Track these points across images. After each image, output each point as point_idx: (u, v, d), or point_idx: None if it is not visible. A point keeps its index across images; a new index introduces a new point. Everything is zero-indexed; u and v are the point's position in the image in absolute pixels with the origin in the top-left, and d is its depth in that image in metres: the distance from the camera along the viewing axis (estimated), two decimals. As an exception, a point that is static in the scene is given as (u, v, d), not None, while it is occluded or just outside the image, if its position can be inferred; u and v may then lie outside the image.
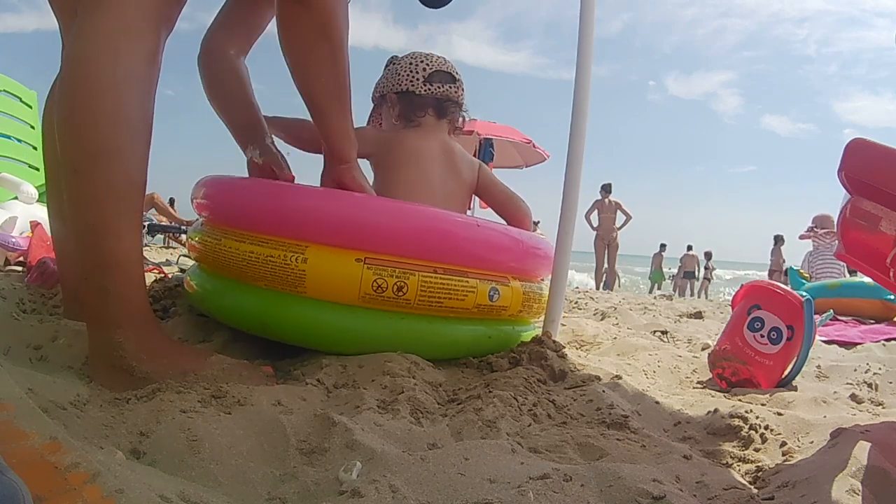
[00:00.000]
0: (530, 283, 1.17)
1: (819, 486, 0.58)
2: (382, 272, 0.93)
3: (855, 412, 0.94)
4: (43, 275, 1.39)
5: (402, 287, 0.94)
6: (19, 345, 0.86)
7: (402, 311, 0.97)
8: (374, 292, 0.93)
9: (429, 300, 0.97)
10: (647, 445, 0.71)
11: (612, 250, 7.95)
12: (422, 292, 0.96)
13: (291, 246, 0.92)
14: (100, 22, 0.76)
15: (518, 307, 1.11)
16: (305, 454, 0.61)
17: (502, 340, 1.12)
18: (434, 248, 0.99)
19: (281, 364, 0.97)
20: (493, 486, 0.52)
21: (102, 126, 0.75)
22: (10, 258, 1.85)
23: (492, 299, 1.04)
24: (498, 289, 1.05)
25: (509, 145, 5.96)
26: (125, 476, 0.45)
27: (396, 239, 0.96)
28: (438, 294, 0.97)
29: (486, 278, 1.04)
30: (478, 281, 1.02)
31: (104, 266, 0.76)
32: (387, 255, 0.95)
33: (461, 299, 1.00)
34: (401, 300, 0.95)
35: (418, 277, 0.95)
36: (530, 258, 1.17)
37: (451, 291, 0.99)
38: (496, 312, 1.08)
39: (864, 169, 0.78)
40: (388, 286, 0.93)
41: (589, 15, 1.33)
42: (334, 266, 0.93)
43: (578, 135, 1.32)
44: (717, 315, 2.62)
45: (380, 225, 0.95)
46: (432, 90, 1.33)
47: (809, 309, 1.11)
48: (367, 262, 0.93)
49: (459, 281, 1.00)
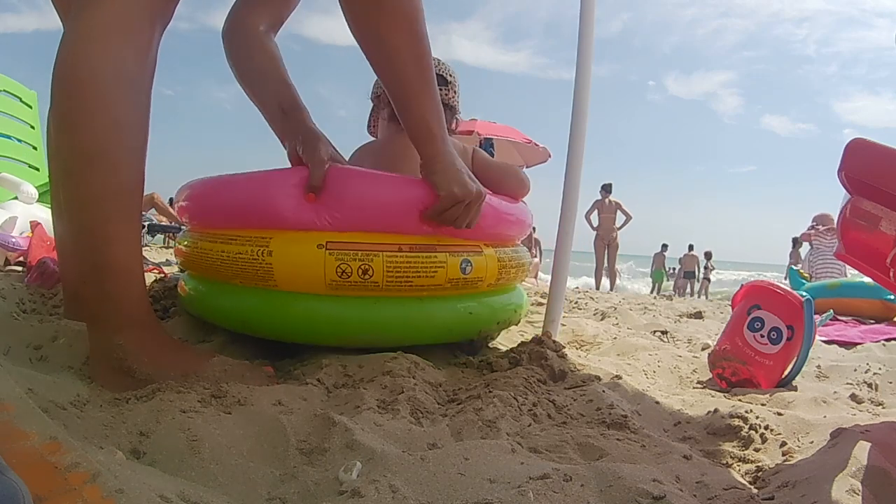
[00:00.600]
0: (505, 249, 1.12)
1: (819, 486, 0.58)
2: (345, 256, 0.90)
3: (855, 412, 0.94)
4: (43, 275, 1.39)
5: (367, 270, 0.91)
6: (19, 345, 0.86)
7: (373, 295, 0.94)
8: (340, 278, 0.90)
9: (397, 280, 0.93)
10: (647, 445, 0.71)
11: (612, 250, 7.95)
12: (388, 273, 0.92)
13: (256, 240, 0.92)
14: (91, 19, 0.74)
15: (495, 276, 1.06)
16: (305, 454, 0.61)
17: (487, 314, 1.08)
18: (397, 222, 0.95)
19: (281, 364, 0.97)
20: (493, 486, 0.52)
21: (93, 128, 0.73)
22: (10, 258, 1.85)
23: (464, 272, 1.00)
24: (470, 260, 1.00)
25: (509, 145, 5.96)
26: (125, 476, 0.45)
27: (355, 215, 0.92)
28: (406, 273, 0.93)
29: (456, 250, 0.99)
30: (447, 254, 0.98)
31: (103, 268, 0.76)
32: (349, 237, 0.91)
33: (431, 276, 0.96)
34: (368, 284, 0.91)
35: (383, 258, 0.92)
36: (503, 224, 1.13)
37: (420, 269, 0.95)
38: (472, 285, 1.03)
39: (864, 169, 0.78)
40: (352, 270, 0.90)
41: (589, 15, 1.34)
42: (297, 255, 0.90)
43: (578, 135, 1.32)
44: (717, 315, 2.62)
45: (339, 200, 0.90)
46: None
47: (809, 309, 1.11)
48: (329, 246, 0.90)
49: (427, 257, 0.95)
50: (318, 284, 0.91)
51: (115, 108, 0.74)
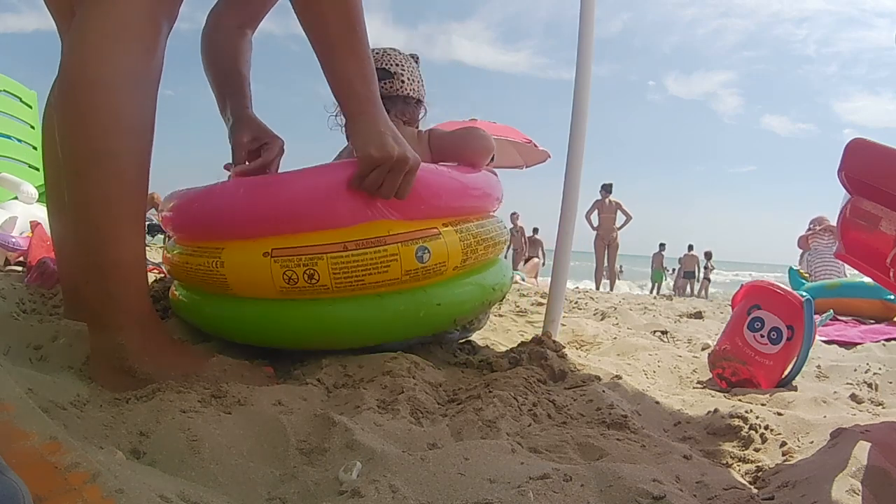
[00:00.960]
0: (468, 226, 1.01)
1: (819, 486, 0.58)
2: (289, 262, 0.86)
3: (855, 412, 0.94)
4: (43, 275, 1.39)
5: (312, 274, 0.86)
6: (19, 345, 0.86)
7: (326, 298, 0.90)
8: (288, 285, 0.87)
9: (347, 281, 0.88)
10: (647, 445, 0.71)
11: (612, 250, 7.95)
12: (336, 275, 0.87)
13: (211, 251, 0.92)
14: (98, 20, 0.75)
15: (460, 257, 0.97)
16: (305, 454, 0.61)
17: (459, 301, 1.01)
18: (333, 216, 0.88)
19: (281, 364, 0.97)
20: (493, 486, 0.52)
21: (102, 128, 0.74)
22: (10, 258, 1.85)
23: (422, 261, 0.91)
24: (427, 246, 0.92)
25: (509, 145, 5.96)
26: (125, 476, 0.45)
27: (285, 218, 0.88)
28: (355, 272, 0.87)
29: (408, 238, 0.91)
30: (399, 245, 0.89)
31: (105, 269, 0.76)
32: (294, 241, 0.87)
33: (384, 271, 0.89)
34: (317, 287, 0.87)
35: (327, 260, 0.86)
36: (464, 197, 1.05)
37: (370, 265, 0.88)
38: (435, 272, 0.94)
39: (864, 169, 0.78)
40: (298, 276, 0.86)
41: (589, 15, 1.34)
42: (245, 266, 0.89)
43: (578, 135, 1.32)
44: (717, 315, 2.62)
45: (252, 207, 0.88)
46: None
47: (809, 309, 1.11)
48: (274, 254, 0.87)
49: (376, 252, 0.88)
50: (270, 291, 0.89)
51: (124, 109, 0.75)
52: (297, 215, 0.88)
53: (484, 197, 1.12)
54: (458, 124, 5.81)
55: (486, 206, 1.14)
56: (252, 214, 0.89)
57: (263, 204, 0.89)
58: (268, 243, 0.88)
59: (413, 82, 1.29)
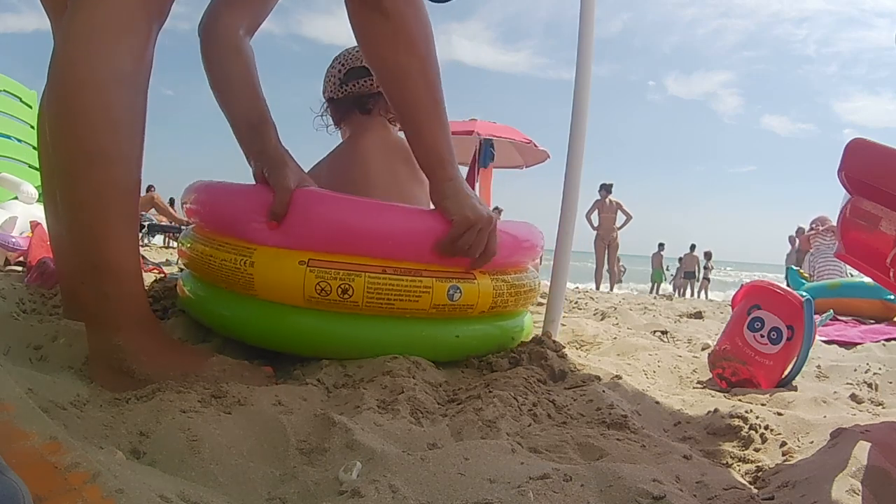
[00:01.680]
0: (505, 277, 1.07)
1: (819, 486, 0.58)
2: (325, 274, 0.89)
3: (855, 412, 0.94)
4: (43, 275, 1.39)
5: (346, 289, 0.89)
6: (19, 345, 0.86)
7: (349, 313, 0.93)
8: (319, 295, 0.89)
9: (378, 302, 0.91)
10: (647, 445, 0.71)
11: (612, 250, 7.96)
12: (369, 294, 0.90)
13: (241, 249, 0.92)
14: (88, 18, 0.74)
15: (488, 304, 1.02)
16: (305, 454, 0.61)
17: (476, 339, 1.05)
18: (379, 247, 0.92)
19: (281, 364, 0.97)
20: (493, 486, 0.52)
21: (90, 128, 0.73)
22: (10, 258, 1.86)
23: (452, 299, 0.96)
24: (459, 287, 0.96)
25: (510, 145, 5.96)
26: (125, 476, 0.45)
27: (337, 238, 0.91)
28: (388, 295, 0.91)
29: (444, 276, 0.96)
30: (434, 280, 0.94)
31: (101, 269, 0.75)
32: (331, 256, 0.91)
33: (415, 300, 0.93)
34: (347, 302, 0.90)
35: (364, 279, 0.90)
36: (518, 252, 1.09)
37: (403, 292, 0.92)
38: (461, 311, 0.99)
39: (864, 169, 0.78)
40: (332, 289, 0.89)
41: (589, 15, 1.34)
42: (278, 270, 0.90)
43: (578, 135, 1.32)
44: (717, 315, 2.62)
45: (318, 224, 0.91)
46: (348, 90, 1.27)
47: (809, 309, 1.11)
48: (311, 264, 0.89)
49: (412, 281, 0.93)
50: (297, 298, 0.90)
51: (114, 107, 0.74)
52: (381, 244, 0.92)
53: (531, 249, 1.17)
54: (458, 124, 5.82)
55: (532, 258, 1.18)
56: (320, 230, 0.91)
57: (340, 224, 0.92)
58: (306, 253, 0.90)
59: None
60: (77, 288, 0.80)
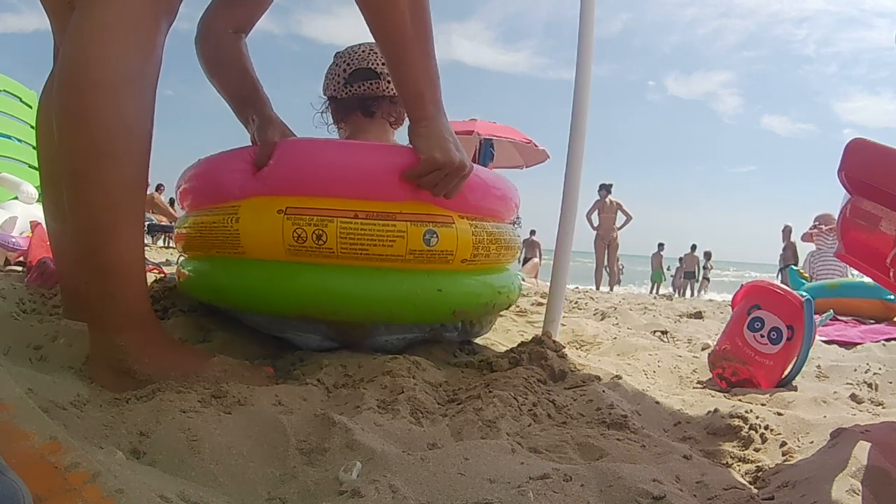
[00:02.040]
0: (484, 224, 1.03)
1: (819, 486, 0.58)
2: (300, 221, 0.90)
3: (855, 412, 0.94)
4: (43, 275, 1.39)
5: (321, 235, 0.90)
6: (19, 345, 0.86)
7: (329, 263, 0.93)
8: (296, 243, 0.91)
9: (352, 248, 0.91)
10: (647, 445, 0.71)
11: (612, 250, 7.96)
12: (342, 240, 0.90)
13: (227, 209, 0.97)
14: (99, 17, 0.74)
15: (469, 251, 0.98)
16: (305, 454, 0.61)
17: (461, 293, 1.01)
18: (350, 185, 0.93)
19: (281, 364, 0.97)
20: (493, 486, 0.52)
21: (104, 128, 0.74)
22: (10, 258, 1.86)
23: (428, 244, 0.93)
24: (436, 231, 0.93)
25: (509, 145, 5.97)
26: (125, 476, 0.45)
27: (308, 179, 0.93)
28: (361, 241, 0.90)
29: (420, 220, 0.93)
30: (408, 223, 0.92)
31: (105, 269, 0.76)
32: (307, 201, 0.92)
33: (388, 245, 0.91)
34: (323, 249, 0.91)
35: (337, 224, 0.90)
36: (489, 198, 1.06)
37: (376, 237, 0.91)
38: (441, 259, 0.96)
39: (864, 169, 0.78)
40: (307, 235, 0.90)
41: (589, 15, 1.34)
42: (259, 222, 0.93)
43: (578, 135, 1.32)
44: (717, 315, 2.62)
45: (291, 167, 0.94)
46: (353, 90, 1.26)
47: (809, 309, 1.11)
48: (288, 211, 0.91)
49: (385, 225, 0.91)
50: (279, 250, 0.92)
51: (124, 107, 0.75)
52: (350, 181, 0.93)
53: (503, 198, 1.13)
54: (458, 124, 5.82)
55: (505, 210, 1.15)
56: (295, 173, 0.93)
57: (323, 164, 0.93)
58: (283, 201, 0.92)
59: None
60: (80, 287, 0.80)
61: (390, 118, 1.28)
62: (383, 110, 1.27)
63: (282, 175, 0.94)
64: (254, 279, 0.97)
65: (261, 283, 0.96)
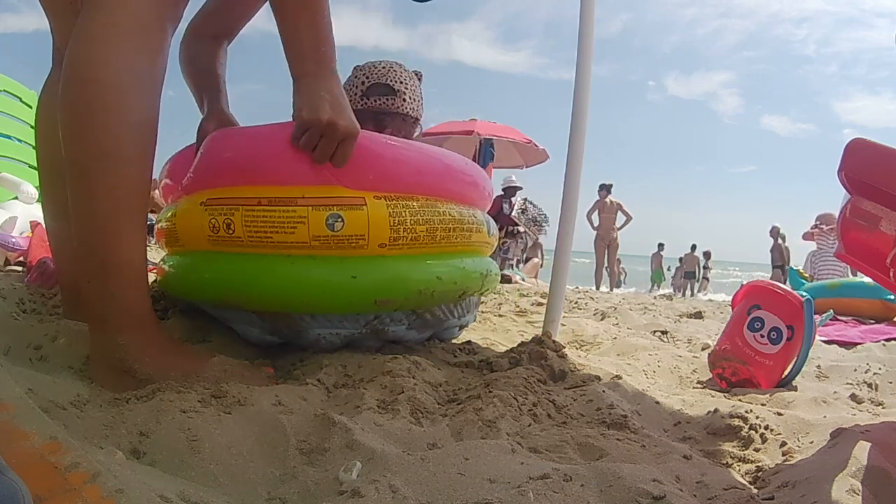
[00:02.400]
0: (410, 204, 0.94)
1: (819, 486, 0.58)
2: (214, 211, 0.91)
3: (855, 412, 0.94)
4: (43, 275, 1.39)
5: (229, 224, 0.90)
6: (19, 345, 0.86)
7: (242, 252, 0.92)
8: (212, 232, 0.92)
9: (257, 236, 0.89)
10: (647, 445, 0.71)
11: (612, 250, 7.96)
12: (247, 227, 0.89)
13: (172, 207, 1.03)
14: (105, 20, 0.75)
15: (385, 235, 0.91)
16: (305, 454, 0.61)
17: (384, 280, 0.93)
18: (254, 173, 0.90)
19: (281, 364, 0.97)
20: (493, 486, 0.52)
21: (107, 128, 0.74)
22: (10, 258, 1.86)
23: (332, 229, 0.88)
24: (341, 215, 0.88)
25: (509, 145, 5.97)
26: (125, 476, 0.45)
27: (220, 169, 0.94)
28: (264, 228, 0.88)
29: (322, 203, 0.88)
30: (309, 208, 0.87)
31: (107, 269, 0.76)
32: (222, 192, 0.92)
33: (290, 231, 0.88)
34: (234, 238, 0.90)
35: (241, 212, 0.89)
36: (406, 167, 0.96)
37: (277, 223, 0.88)
38: (349, 245, 0.90)
39: (864, 169, 0.78)
40: (219, 225, 0.91)
41: (589, 15, 1.34)
42: (186, 214, 0.97)
43: (578, 135, 1.32)
44: (717, 315, 2.62)
45: (207, 158, 0.95)
46: (368, 104, 1.29)
47: (809, 309, 1.11)
48: (208, 202, 0.92)
49: (285, 211, 0.87)
50: (202, 240, 0.94)
51: (131, 108, 0.76)
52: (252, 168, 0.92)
53: (446, 175, 1.04)
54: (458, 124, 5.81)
55: (454, 188, 1.05)
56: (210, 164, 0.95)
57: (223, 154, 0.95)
58: (206, 194, 0.94)
59: (414, 101, 1.32)
60: (81, 286, 0.81)
61: (399, 134, 1.31)
62: (395, 125, 1.31)
63: (201, 167, 0.96)
64: (181, 268, 1.03)
65: (184, 271, 1.03)
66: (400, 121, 1.30)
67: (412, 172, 0.97)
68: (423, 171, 0.99)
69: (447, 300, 1.05)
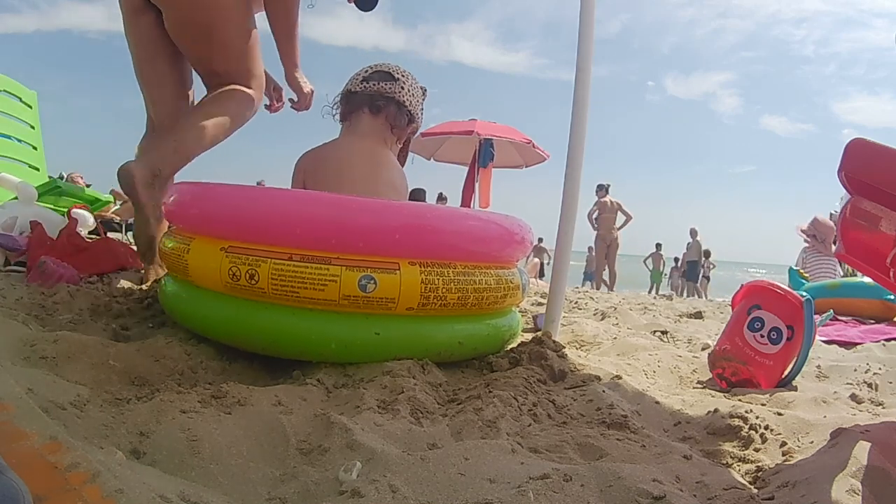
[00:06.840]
0: (445, 270, 0.96)
1: (819, 486, 0.58)
2: (237, 260, 0.92)
3: (855, 412, 0.94)
4: (43, 275, 1.39)
5: (253, 275, 0.90)
6: (19, 345, 0.86)
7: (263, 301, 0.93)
8: (231, 280, 0.92)
9: (283, 290, 0.90)
10: (647, 445, 0.71)
11: (612, 250, 7.96)
12: (273, 280, 0.89)
13: (183, 239, 1.04)
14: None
15: (416, 300, 0.93)
16: (305, 454, 0.61)
17: (406, 339, 0.95)
18: (290, 233, 0.92)
19: (281, 364, 0.97)
20: (493, 486, 0.52)
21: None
22: (10, 258, 1.85)
23: (364, 290, 0.90)
24: (374, 277, 0.90)
25: (509, 145, 5.96)
26: (125, 476, 0.45)
27: (249, 226, 0.95)
28: (292, 283, 0.89)
29: (358, 265, 0.90)
30: (342, 268, 0.89)
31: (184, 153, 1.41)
32: (249, 244, 0.93)
33: (320, 289, 0.89)
34: (255, 289, 0.91)
35: (269, 264, 0.90)
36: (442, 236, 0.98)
37: (307, 280, 0.89)
38: (378, 306, 0.92)
39: (864, 169, 0.78)
40: (241, 274, 0.91)
41: (588, 15, 1.34)
42: (203, 256, 0.98)
43: (578, 135, 1.32)
44: (717, 315, 2.62)
45: (234, 214, 0.97)
46: (367, 87, 1.32)
47: (809, 309, 1.11)
48: (230, 250, 0.93)
49: (318, 269, 0.89)
50: (218, 284, 0.94)
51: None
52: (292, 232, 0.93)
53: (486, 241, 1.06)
54: (458, 124, 5.79)
55: (491, 252, 1.07)
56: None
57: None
58: (228, 241, 0.95)
59: (412, 96, 1.36)
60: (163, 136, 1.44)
61: (393, 122, 1.33)
62: (389, 112, 1.32)
63: (225, 222, 0.98)
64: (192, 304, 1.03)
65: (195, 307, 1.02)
66: (395, 107, 1.32)
67: (442, 239, 1.00)
68: (454, 237, 1.01)
69: (462, 359, 1.06)
